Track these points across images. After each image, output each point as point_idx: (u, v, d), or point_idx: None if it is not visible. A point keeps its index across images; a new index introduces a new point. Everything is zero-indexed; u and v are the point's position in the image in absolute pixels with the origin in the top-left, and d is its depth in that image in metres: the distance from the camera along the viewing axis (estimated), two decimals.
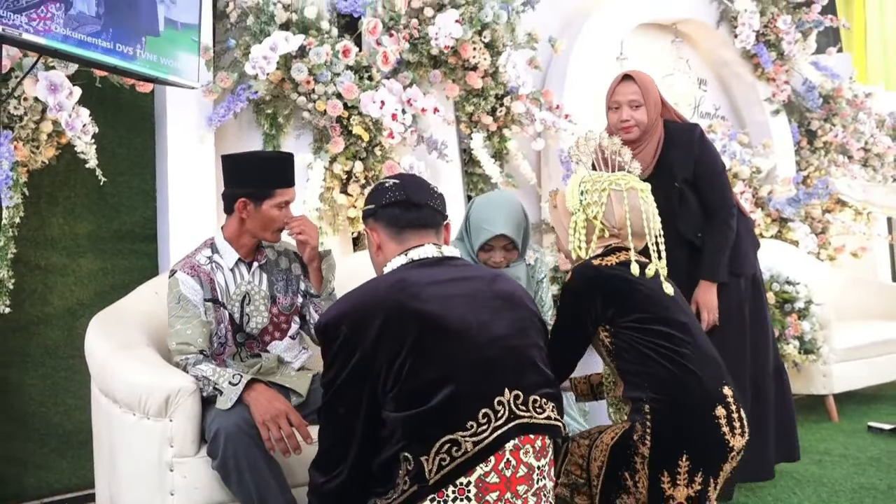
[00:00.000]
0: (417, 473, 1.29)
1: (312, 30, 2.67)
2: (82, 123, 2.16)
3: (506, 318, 1.44)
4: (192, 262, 1.93)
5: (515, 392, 1.36)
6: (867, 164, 5.06)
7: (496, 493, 1.30)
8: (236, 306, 1.94)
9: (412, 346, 1.33)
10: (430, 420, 1.30)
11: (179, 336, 1.80)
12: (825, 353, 3.31)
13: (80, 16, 1.72)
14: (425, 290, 1.40)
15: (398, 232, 1.52)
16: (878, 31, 6.45)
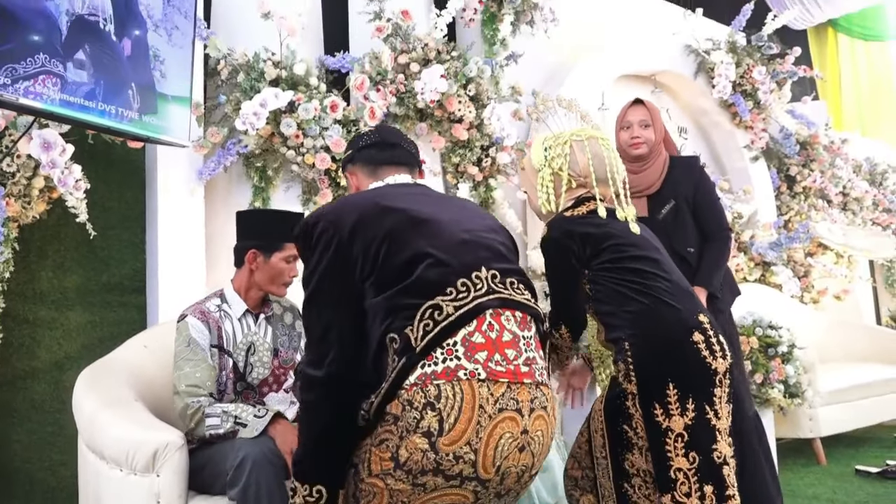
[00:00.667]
0: (405, 346, 1.30)
1: (301, 86, 2.75)
2: (75, 179, 2.20)
3: (475, 221, 1.52)
4: (202, 308, 1.97)
5: (492, 272, 1.41)
6: (846, 208, 5.17)
7: (484, 352, 1.31)
8: (241, 355, 1.98)
9: (386, 234, 1.38)
10: (411, 292, 1.34)
11: (189, 378, 1.82)
12: (810, 397, 3.34)
13: (74, 82, 1.78)
14: (399, 197, 1.49)
15: (374, 170, 1.62)
16: (852, 79, 6.67)
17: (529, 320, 1.43)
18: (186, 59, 2.28)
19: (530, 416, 1.34)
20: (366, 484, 1.32)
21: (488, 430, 1.27)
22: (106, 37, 1.95)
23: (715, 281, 2.49)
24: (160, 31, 2.13)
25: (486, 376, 1.29)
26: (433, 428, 1.25)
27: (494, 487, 1.31)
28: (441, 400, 1.26)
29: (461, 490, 1.28)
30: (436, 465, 1.25)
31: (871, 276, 5.40)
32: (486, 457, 1.27)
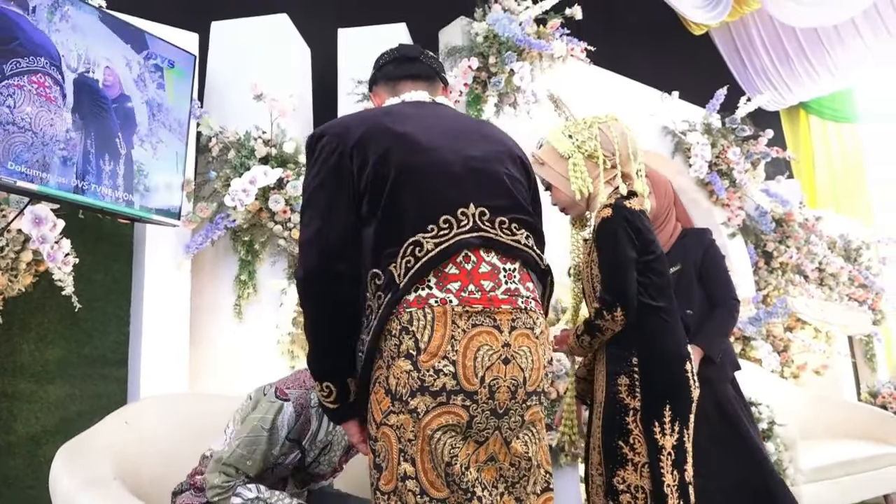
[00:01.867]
0: (389, 282, 1.30)
1: (290, 163, 2.82)
2: (63, 254, 2.23)
3: (483, 149, 1.46)
4: (305, 400, 1.78)
5: (481, 209, 1.37)
6: (823, 283, 5.27)
7: (457, 283, 1.30)
8: (314, 452, 1.85)
9: (381, 157, 1.36)
10: (395, 226, 1.33)
11: (237, 461, 1.70)
12: (792, 475, 3.33)
13: (70, 168, 1.85)
14: (409, 118, 1.45)
15: (394, 86, 1.60)
16: (825, 159, 6.90)
17: (518, 266, 1.39)
18: (171, 171, 2.39)
19: (511, 333, 1.32)
20: (377, 443, 1.32)
21: (463, 342, 1.28)
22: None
23: (716, 345, 2.50)
24: (145, 146, 2.23)
25: (458, 303, 1.29)
26: (412, 349, 1.27)
27: (485, 402, 1.28)
28: (413, 323, 1.28)
29: (450, 407, 1.27)
30: (420, 382, 1.26)
31: (851, 352, 5.46)
32: (466, 367, 1.27)
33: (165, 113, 2.31)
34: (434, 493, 1.27)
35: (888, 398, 4.37)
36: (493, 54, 3.50)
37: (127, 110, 2.19)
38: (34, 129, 1.91)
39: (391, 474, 1.28)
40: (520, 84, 3.58)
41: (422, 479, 1.27)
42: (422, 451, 1.27)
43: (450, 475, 1.27)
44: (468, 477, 1.28)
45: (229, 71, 3.04)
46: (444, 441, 1.27)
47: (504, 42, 3.52)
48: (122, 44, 2.22)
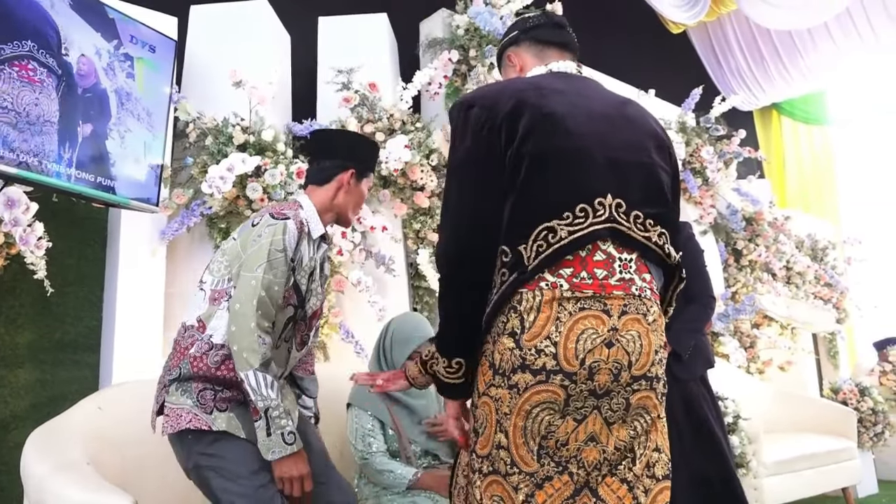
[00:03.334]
0: (516, 262, 1.31)
1: (269, 151, 2.82)
2: (37, 237, 2.21)
3: (626, 136, 1.42)
4: (300, 218, 1.80)
5: (618, 200, 1.34)
6: (790, 281, 5.40)
7: (570, 269, 1.31)
8: (305, 279, 1.84)
9: (526, 135, 1.35)
10: (532, 208, 1.33)
11: (269, 288, 1.67)
12: (755, 467, 3.42)
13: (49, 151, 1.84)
14: (556, 95, 1.42)
15: (541, 49, 1.57)
16: (795, 160, 7.04)
17: (638, 259, 1.36)
18: (140, 160, 2.37)
19: (620, 318, 1.31)
20: (479, 409, 1.36)
21: (568, 324, 1.28)
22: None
23: (684, 341, 2.49)
24: (113, 135, 2.22)
25: (568, 288, 1.30)
26: (516, 328, 1.30)
27: (584, 382, 1.28)
28: (522, 303, 1.30)
29: (548, 385, 1.28)
30: (521, 360, 1.29)
31: (815, 349, 5.60)
32: (567, 349, 1.28)
33: (134, 102, 2.30)
34: (523, 466, 1.31)
35: (849, 394, 4.50)
36: (473, 47, 3.52)
37: (98, 98, 2.17)
38: (17, 110, 1.90)
39: (487, 440, 1.33)
40: (499, 78, 3.59)
41: (512, 452, 1.31)
42: (514, 426, 1.30)
43: (543, 448, 1.30)
44: (563, 452, 1.31)
45: (208, 56, 3.02)
46: (541, 416, 1.30)
47: (485, 35, 3.53)
48: (92, 32, 2.20)
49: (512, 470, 1.30)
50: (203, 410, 1.71)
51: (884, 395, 4.93)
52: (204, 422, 1.70)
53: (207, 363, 1.73)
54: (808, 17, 5.52)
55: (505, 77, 1.65)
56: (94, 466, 1.74)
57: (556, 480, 1.30)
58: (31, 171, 1.97)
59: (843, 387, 4.59)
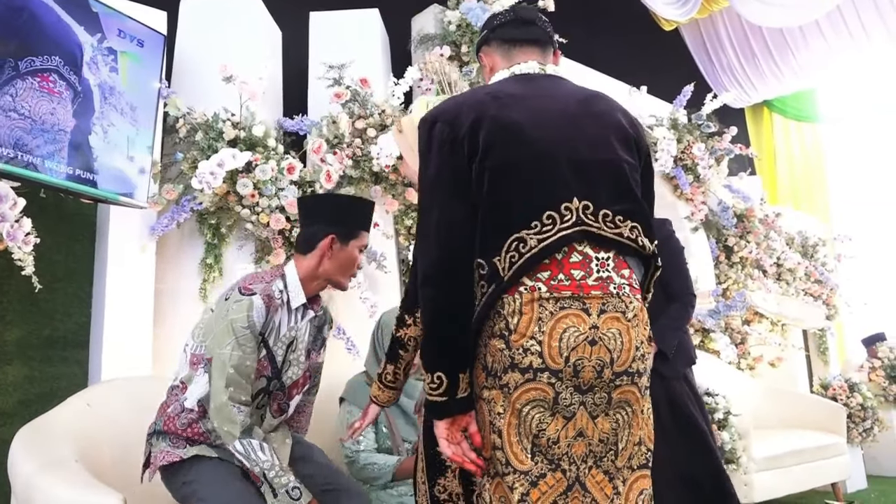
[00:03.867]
0: (492, 274, 1.35)
1: (259, 147, 2.80)
2: (24, 233, 2.19)
3: (590, 135, 1.44)
4: (270, 291, 1.80)
5: (585, 202, 1.37)
6: (780, 278, 5.41)
7: (547, 272, 1.34)
8: (281, 350, 1.84)
9: (487, 148, 1.37)
10: (500, 221, 1.36)
11: (239, 365, 1.71)
12: (745, 463, 3.44)
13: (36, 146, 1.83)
14: (516, 102, 1.44)
15: (508, 49, 1.58)
16: (786, 157, 7.07)
17: (614, 256, 1.39)
18: (122, 155, 2.36)
19: (600, 316, 1.34)
20: (479, 413, 1.38)
21: (549, 323, 1.32)
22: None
23: (668, 340, 2.52)
24: (96, 129, 2.21)
25: (547, 290, 1.33)
26: (503, 330, 1.34)
27: (570, 379, 1.32)
28: (505, 307, 1.34)
29: (536, 384, 1.32)
30: (510, 360, 1.32)
31: (805, 345, 5.62)
32: (552, 347, 1.31)
33: (118, 97, 2.29)
34: (517, 464, 1.33)
35: (838, 390, 4.52)
36: (465, 43, 3.52)
37: (82, 92, 2.16)
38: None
39: (486, 443, 1.37)
40: None
41: (507, 451, 1.33)
42: (508, 425, 1.33)
43: (537, 446, 1.33)
44: (555, 450, 1.34)
45: (198, 51, 3.00)
46: (532, 414, 1.33)
47: (476, 31, 3.53)
48: (75, 26, 2.18)
49: (507, 469, 1.33)
50: (174, 447, 1.80)
51: (873, 391, 4.96)
52: (176, 455, 1.77)
53: (177, 424, 1.82)
54: (800, 15, 5.54)
55: (484, 78, 1.66)
56: (83, 464, 1.73)
57: (550, 478, 1.33)
58: (16, 166, 1.95)
59: (833, 383, 4.61)
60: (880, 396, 5.18)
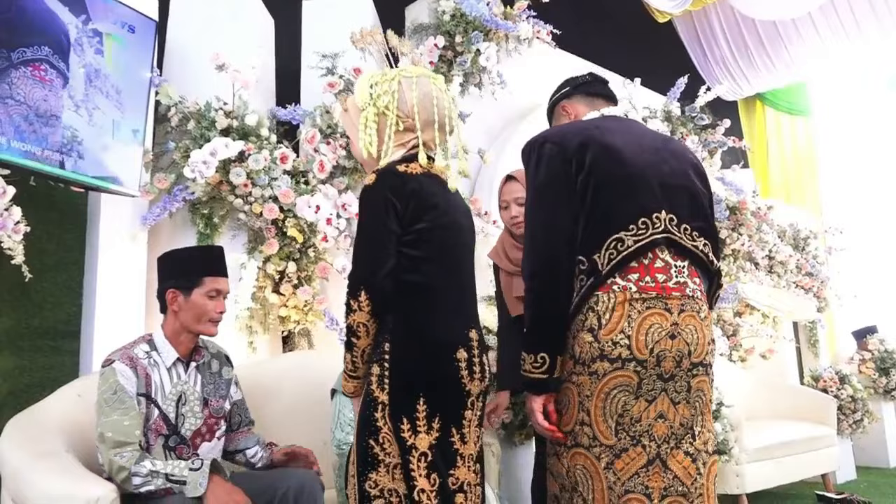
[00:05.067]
0: (592, 269, 1.56)
1: (252, 136, 2.78)
2: (14, 222, 2.16)
3: (672, 165, 1.70)
4: (130, 354, 1.87)
5: (671, 215, 1.62)
6: (772, 270, 5.43)
7: (636, 274, 1.56)
8: (171, 406, 1.90)
9: (593, 163, 1.61)
10: (602, 224, 1.58)
11: (116, 428, 1.73)
12: (737, 454, 3.45)
13: (20, 129, 1.81)
14: (613, 132, 1.70)
15: (591, 100, 1.89)
16: (778, 150, 7.07)
17: (676, 254, 1.61)
18: (107, 138, 2.31)
19: (679, 315, 1.56)
20: (562, 394, 1.61)
21: (638, 321, 1.53)
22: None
23: None
24: (80, 112, 2.18)
25: (636, 290, 1.55)
26: (594, 325, 1.55)
27: (653, 368, 1.53)
28: (598, 304, 1.55)
29: (624, 371, 1.53)
30: (600, 351, 1.54)
31: (795, 337, 5.65)
32: (639, 341, 1.53)
33: (103, 79, 2.25)
34: (603, 439, 1.55)
35: (829, 382, 4.55)
36: (459, 33, 3.49)
37: (71, 77, 2.13)
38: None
39: (570, 419, 1.59)
40: (485, 65, 3.57)
41: (594, 427, 1.55)
42: (595, 407, 1.55)
43: (620, 424, 1.54)
44: (637, 428, 1.55)
45: (190, 39, 2.97)
46: (618, 397, 1.54)
47: (471, 21, 3.50)
48: (59, 7, 2.15)
49: (594, 443, 1.56)
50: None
51: (863, 383, 4.99)
52: None
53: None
54: (793, 8, 5.53)
55: (556, 125, 1.94)
56: (74, 454, 1.71)
57: (632, 451, 1.54)
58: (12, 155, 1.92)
59: (824, 375, 4.63)
60: (870, 388, 5.21)
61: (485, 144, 3.67)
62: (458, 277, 1.68)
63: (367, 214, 1.61)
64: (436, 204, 1.62)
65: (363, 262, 1.58)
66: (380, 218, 1.58)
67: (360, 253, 1.59)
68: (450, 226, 1.66)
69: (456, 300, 1.65)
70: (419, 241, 1.59)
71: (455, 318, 1.63)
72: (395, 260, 1.57)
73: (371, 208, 1.60)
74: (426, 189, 1.62)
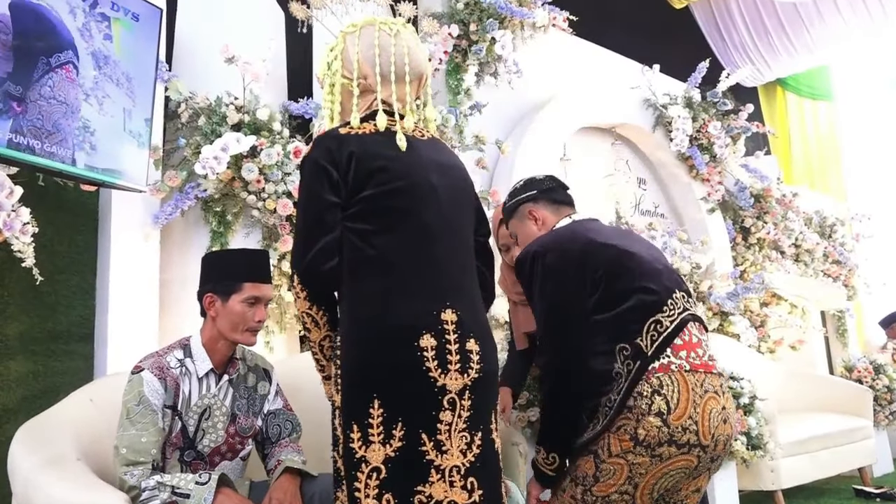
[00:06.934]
0: (636, 353, 1.59)
1: (264, 131, 2.71)
2: (22, 223, 2.10)
3: (653, 251, 1.83)
4: (162, 364, 1.77)
5: (681, 293, 1.71)
6: (798, 259, 5.30)
7: (684, 351, 1.61)
8: (193, 419, 1.79)
9: (607, 264, 1.68)
10: (636, 312, 1.63)
11: (132, 443, 1.65)
12: (772, 449, 3.34)
13: (26, 122, 1.73)
14: (602, 233, 1.80)
15: (557, 208, 1.95)
16: (800, 136, 6.92)
17: (700, 326, 1.72)
18: (119, 129, 2.22)
19: (723, 397, 1.64)
20: (606, 464, 1.59)
21: (701, 406, 1.57)
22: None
23: None
24: (90, 101, 2.09)
25: (690, 368, 1.60)
26: (662, 409, 1.54)
27: (710, 452, 1.59)
28: (664, 388, 1.56)
29: (688, 455, 1.56)
30: (669, 437, 1.54)
31: (823, 327, 5.51)
32: (704, 426, 1.56)
33: (113, 66, 2.15)
34: None
35: (863, 372, 4.41)
36: (473, 21, 3.40)
37: (72, 62, 2.06)
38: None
39: (609, 486, 1.59)
40: (501, 53, 3.48)
41: (637, 499, 1.59)
42: (646, 483, 1.58)
43: (662, 497, 1.63)
44: (675, 498, 1.67)
45: (199, 32, 2.90)
46: (676, 477, 1.59)
47: (485, 9, 3.42)
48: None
49: None
50: None
51: None
52: None
53: None
54: None
55: (520, 224, 1.99)
56: (85, 462, 1.64)
57: None
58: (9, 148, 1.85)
59: (857, 364, 4.49)
60: None
61: (502, 135, 3.58)
62: (427, 249, 1.40)
63: (301, 187, 1.44)
64: (383, 167, 1.39)
65: (295, 244, 1.40)
66: (312, 189, 1.38)
67: (294, 234, 1.42)
68: (408, 189, 1.40)
69: (425, 277, 1.38)
70: (367, 211, 1.37)
71: (420, 299, 1.35)
72: (335, 235, 1.36)
73: (304, 179, 1.41)
74: (370, 150, 1.40)
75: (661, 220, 4.49)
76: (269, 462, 1.95)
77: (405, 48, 1.47)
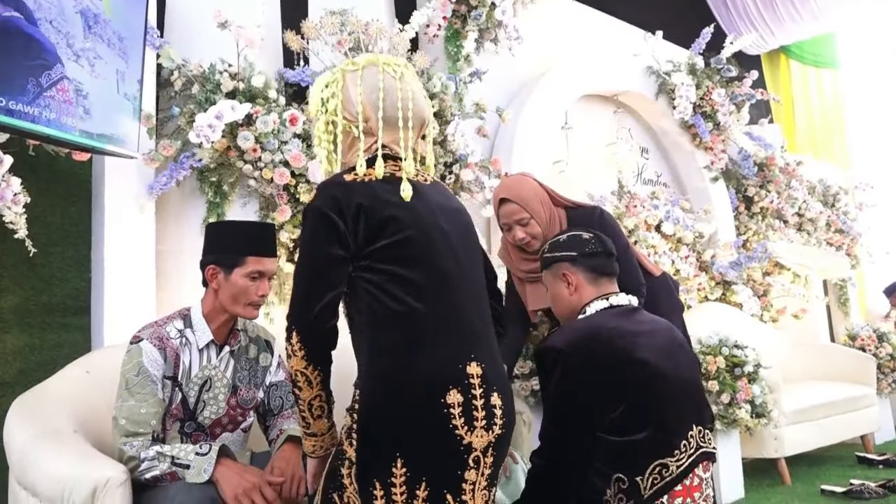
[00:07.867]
0: (631, 490, 1.54)
1: (260, 98, 2.64)
2: (13, 193, 2.05)
3: (685, 365, 1.70)
4: (161, 334, 1.75)
5: (699, 428, 1.63)
6: (801, 228, 5.26)
7: (680, 498, 1.55)
8: (194, 390, 1.77)
9: (635, 388, 1.60)
10: (645, 447, 1.56)
11: (131, 414, 1.62)
12: (775, 417, 3.32)
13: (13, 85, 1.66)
14: (638, 339, 1.65)
15: (596, 278, 1.79)
16: (804, 104, 6.83)
17: (708, 464, 1.64)
18: (113, 91, 2.13)
19: None
20: None
21: None
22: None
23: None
24: (81, 62, 1.99)
25: None
26: None
27: None
28: None
29: None
30: None
31: (825, 296, 5.48)
32: None
33: (103, 25, 2.05)
34: None
35: (867, 341, 4.39)
36: None
37: (58, 20, 1.96)
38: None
39: None
40: (501, 18, 3.40)
41: None
42: None
43: None
44: None
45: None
46: None
47: None
48: None
49: None
50: None
51: None
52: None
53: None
54: None
55: (552, 282, 1.85)
56: (82, 434, 1.62)
57: None
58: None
59: (861, 333, 4.47)
60: None
61: (503, 102, 3.51)
62: (447, 297, 1.34)
63: (303, 236, 1.35)
64: (394, 216, 1.33)
65: (295, 298, 1.32)
66: (317, 241, 1.31)
67: (294, 286, 1.33)
68: (420, 237, 1.35)
69: (449, 326, 1.32)
70: (382, 261, 1.32)
71: (445, 351, 1.29)
72: (339, 291, 1.31)
73: (308, 229, 1.33)
74: (379, 198, 1.34)
75: (663, 189, 4.43)
76: (271, 432, 1.93)
77: (410, 92, 1.41)
